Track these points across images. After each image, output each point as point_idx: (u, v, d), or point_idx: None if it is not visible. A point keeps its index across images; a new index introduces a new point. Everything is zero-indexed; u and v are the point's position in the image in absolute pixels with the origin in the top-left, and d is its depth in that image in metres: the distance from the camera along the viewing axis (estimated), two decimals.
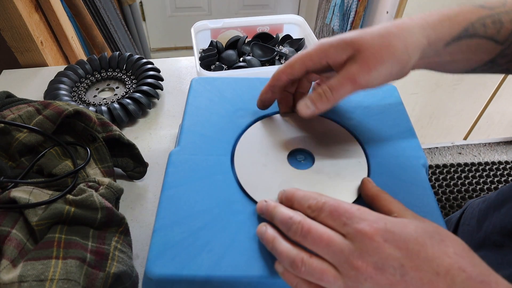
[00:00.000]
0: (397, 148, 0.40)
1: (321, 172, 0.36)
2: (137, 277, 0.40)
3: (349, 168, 0.37)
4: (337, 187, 0.35)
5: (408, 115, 0.45)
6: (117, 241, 0.39)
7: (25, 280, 0.32)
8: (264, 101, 0.40)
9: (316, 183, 0.35)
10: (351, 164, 0.37)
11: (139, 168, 0.53)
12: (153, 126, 0.64)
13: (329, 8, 1.72)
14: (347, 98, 0.35)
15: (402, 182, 0.37)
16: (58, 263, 0.34)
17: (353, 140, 0.39)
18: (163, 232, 0.32)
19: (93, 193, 0.39)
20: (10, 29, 0.71)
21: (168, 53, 2.32)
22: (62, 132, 0.49)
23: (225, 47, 0.71)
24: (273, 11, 2.15)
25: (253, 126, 0.41)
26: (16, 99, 0.57)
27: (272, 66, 0.62)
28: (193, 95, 0.45)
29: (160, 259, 0.30)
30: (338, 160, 0.37)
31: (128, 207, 0.51)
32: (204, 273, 0.29)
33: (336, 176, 0.36)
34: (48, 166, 0.44)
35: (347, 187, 0.35)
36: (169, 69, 0.76)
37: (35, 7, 0.76)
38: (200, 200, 0.34)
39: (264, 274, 0.30)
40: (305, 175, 0.36)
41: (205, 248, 0.31)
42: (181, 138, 0.40)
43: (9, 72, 0.76)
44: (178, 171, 0.37)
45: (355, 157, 0.38)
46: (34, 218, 0.37)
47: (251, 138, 0.40)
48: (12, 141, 0.44)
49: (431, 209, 0.35)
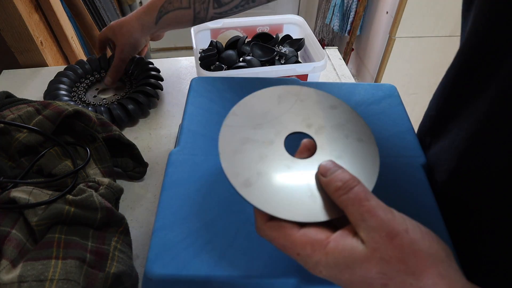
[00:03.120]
0: (397, 148, 0.40)
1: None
2: (137, 277, 0.40)
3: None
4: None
5: (408, 115, 0.45)
6: (117, 241, 0.39)
7: (25, 280, 0.32)
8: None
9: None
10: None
11: (139, 168, 0.53)
12: (153, 126, 0.64)
13: (329, 8, 1.72)
14: (347, 98, 0.35)
15: (402, 182, 0.37)
16: (58, 263, 0.34)
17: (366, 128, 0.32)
18: (163, 232, 0.32)
19: (93, 193, 0.39)
20: (10, 29, 0.71)
21: (168, 53, 2.32)
22: (62, 132, 0.49)
23: (225, 47, 0.71)
24: (273, 11, 2.15)
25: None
26: (16, 99, 0.57)
27: (272, 66, 0.62)
28: (193, 95, 0.45)
29: (160, 259, 0.30)
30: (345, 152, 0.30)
31: (128, 207, 0.51)
32: (204, 273, 0.29)
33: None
34: (48, 166, 0.44)
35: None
36: (169, 69, 0.76)
37: (35, 7, 0.76)
38: (200, 200, 0.34)
39: (264, 274, 0.30)
40: (305, 164, 0.29)
41: (205, 248, 0.31)
42: (181, 138, 0.40)
43: (9, 72, 0.76)
44: (178, 171, 0.37)
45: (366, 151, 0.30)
46: (34, 218, 0.37)
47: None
48: (12, 141, 0.44)
49: (431, 209, 0.35)
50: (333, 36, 1.87)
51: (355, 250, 0.22)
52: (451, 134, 0.37)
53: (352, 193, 0.24)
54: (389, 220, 0.22)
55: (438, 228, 0.34)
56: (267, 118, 0.30)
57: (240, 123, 0.29)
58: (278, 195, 0.26)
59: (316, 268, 0.23)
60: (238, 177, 0.26)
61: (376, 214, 0.22)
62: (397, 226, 0.22)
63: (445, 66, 0.41)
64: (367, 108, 0.44)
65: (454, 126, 0.36)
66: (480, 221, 0.33)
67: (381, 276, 0.21)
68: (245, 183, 0.26)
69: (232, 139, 0.28)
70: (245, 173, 0.27)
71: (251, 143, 0.28)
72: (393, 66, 1.52)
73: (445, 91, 0.40)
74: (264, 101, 0.31)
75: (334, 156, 0.29)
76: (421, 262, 0.21)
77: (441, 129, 0.39)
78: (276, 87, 0.32)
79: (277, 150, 0.28)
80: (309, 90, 0.32)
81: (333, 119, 0.31)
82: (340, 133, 0.30)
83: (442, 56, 1.47)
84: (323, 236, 0.24)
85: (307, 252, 0.23)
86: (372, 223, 0.22)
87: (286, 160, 0.28)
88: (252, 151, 0.28)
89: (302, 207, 0.26)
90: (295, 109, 0.31)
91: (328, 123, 0.31)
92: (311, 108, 0.31)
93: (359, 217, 0.23)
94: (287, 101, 0.31)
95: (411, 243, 0.22)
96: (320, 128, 0.30)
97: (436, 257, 0.22)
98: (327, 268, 0.23)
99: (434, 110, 0.42)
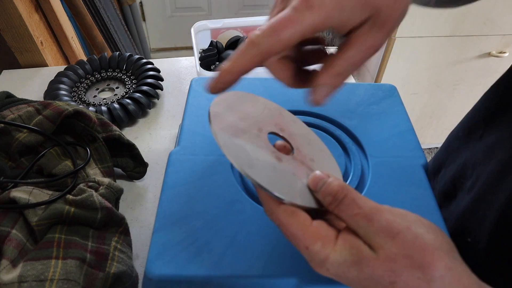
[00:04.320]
0: (397, 148, 0.40)
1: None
2: (137, 277, 0.40)
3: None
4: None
5: (408, 115, 0.45)
6: (117, 241, 0.39)
7: (25, 280, 0.32)
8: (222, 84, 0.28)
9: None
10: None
11: (139, 168, 0.53)
12: (153, 126, 0.64)
13: None
14: (347, 98, 0.35)
15: (402, 182, 0.37)
16: (58, 263, 0.34)
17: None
18: (163, 232, 0.32)
19: (93, 193, 0.39)
20: (10, 29, 0.71)
21: (168, 53, 2.32)
22: (62, 132, 0.49)
23: (225, 47, 0.71)
24: None
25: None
26: (16, 99, 0.57)
27: None
28: (193, 95, 0.45)
29: (160, 259, 0.30)
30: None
31: (128, 207, 0.51)
32: (204, 273, 0.29)
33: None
34: (48, 166, 0.44)
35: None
36: (169, 69, 0.76)
37: (35, 7, 0.76)
38: (200, 200, 0.34)
39: (264, 274, 0.30)
40: (291, 160, 0.29)
41: (205, 248, 0.31)
42: (181, 138, 0.40)
43: (9, 72, 0.76)
44: (178, 171, 0.37)
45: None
46: (34, 218, 0.37)
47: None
48: (12, 141, 0.44)
49: (431, 209, 0.35)
50: (333, 36, 1.87)
51: (361, 250, 0.22)
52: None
53: (343, 205, 0.24)
54: (387, 221, 0.22)
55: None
56: (246, 115, 0.30)
57: (226, 115, 0.29)
58: (278, 180, 0.26)
59: (322, 265, 0.23)
60: (240, 159, 0.26)
61: (371, 220, 0.22)
62: (396, 226, 0.22)
63: (445, 66, 0.41)
64: (367, 108, 0.44)
65: None
66: None
67: (389, 274, 0.21)
68: (248, 165, 0.26)
69: (226, 125, 0.28)
70: (245, 157, 0.26)
71: (242, 133, 0.28)
72: (393, 66, 1.52)
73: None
74: (238, 101, 0.31)
75: (309, 158, 0.30)
76: (428, 255, 0.21)
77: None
78: (242, 93, 0.32)
79: (265, 143, 0.29)
80: (272, 104, 0.33)
81: (297, 130, 0.33)
82: (306, 140, 0.32)
83: (442, 56, 1.47)
84: (333, 234, 0.24)
85: (317, 248, 0.23)
86: (370, 228, 0.22)
87: (275, 153, 0.28)
88: (245, 140, 0.28)
89: (301, 195, 0.26)
90: (266, 113, 0.32)
91: (295, 130, 0.33)
92: (278, 117, 0.33)
93: (356, 225, 0.23)
94: (257, 106, 0.32)
95: (415, 238, 0.22)
96: (291, 134, 0.32)
97: (442, 250, 0.22)
98: (335, 266, 0.23)
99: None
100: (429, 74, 1.52)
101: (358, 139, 0.41)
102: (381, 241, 0.22)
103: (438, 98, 1.57)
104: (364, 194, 0.36)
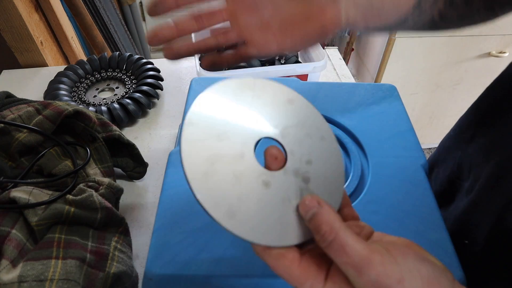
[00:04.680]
0: (397, 148, 0.40)
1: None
2: (137, 277, 0.40)
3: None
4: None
5: (408, 115, 0.45)
6: (117, 241, 0.39)
7: (25, 280, 0.32)
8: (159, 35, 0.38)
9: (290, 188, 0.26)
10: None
11: (139, 168, 0.53)
12: (153, 126, 0.64)
13: None
14: (347, 98, 0.35)
15: (402, 182, 0.37)
16: (58, 263, 0.34)
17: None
18: (163, 232, 0.32)
19: (93, 193, 0.39)
20: (10, 29, 0.71)
21: None
22: (62, 132, 0.49)
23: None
24: None
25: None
26: (16, 99, 0.57)
27: (272, 66, 0.62)
28: (193, 95, 0.45)
29: (160, 259, 0.30)
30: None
31: (128, 207, 0.51)
32: (204, 273, 0.29)
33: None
34: (48, 166, 0.44)
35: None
36: (169, 69, 0.76)
37: (35, 7, 0.76)
38: None
39: (264, 274, 0.30)
40: (281, 177, 0.26)
41: (205, 248, 0.31)
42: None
43: (9, 72, 0.76)
44: (178, 171, 0.37)
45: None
46: (34, 218, 0.37)
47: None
48: (12, 141, 0.44)
49: (431, 209, 0.35)
50: (333, 36, 1.87)
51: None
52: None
53: (332, 249, 0.22)
54: (377, 276, 0.20)
55: (438, 228, 0.34)
56: (227, 123, 0.26)
57: (201, 135, 0.25)
58: (265, 220, 0.23)
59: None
60: (218, 207, 0.22)
61: (361, 272, 0.21)
62: (386, 281, 0.20)
63: (445, 66, 0.41)
64: (367, 108, 0.44)
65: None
66: None
67: None
68: (228, 214, 0.22)
69: (198, 158, 0.24)
70: (224, 201, 0.23)
71: (221, 161, 0.24)
72: (393, 66, 1.52)
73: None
74: (219, 101, 0.27)
75: (305, 161, 0.27)
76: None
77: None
78: (226, 82, 0.28)
79: (250, 165, 0.25)
80: (263, 83, 0.29)
81: (294, 117, 0.29)
82: (304, 132, 0.28)
83: (442, 56, 1.47)
84: (323, 273, 0.23)
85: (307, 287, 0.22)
86: (359, 280, 0.21)
87: (263, 175, 0.25)
88: (224, 171, 0.24)
89: (293, 228, 0.24)
90: (254, 108, 0.28)
91: (290, 121, 0.28)
92: (270, 105, 0.28)
93: (345, 271, 0.21)
94: (243, 99, 0.28)
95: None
96: (285, 129, 0.28)
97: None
98: None
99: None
100: (429, 74, 1.52)
101: (358, 139, 0.41)
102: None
103: (438, 98, 1.57)
104: (364, 194, 0.36)
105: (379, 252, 0.21)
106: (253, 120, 0.27)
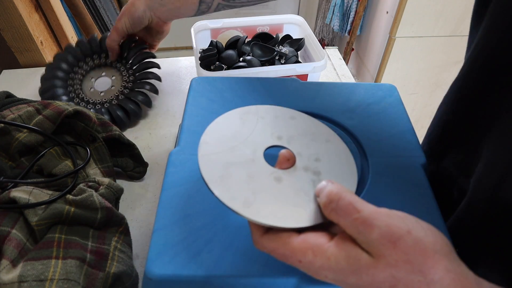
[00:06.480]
0: (397, 148, 0.40)
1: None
2: (137, 277, 0.40)
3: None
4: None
5: (408, 115, 0.45)
6: (117, 241, 0.39)
7: (25, 280, 0.32)
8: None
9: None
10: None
11: (139, 168, 0.53)
12: (153, 126, 0.64)
13: (329, 8, 1.72)
14: (347, 98, 0.35)
15: (402, 182, 0.37)
16: (58, 263, 0.34)
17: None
18: (163, 232, 0.32)
19: (93, 193, 0.39)
20: (10, 29, 0.71)
21: (168, 53, 2.32)
22: (62, 132, 0.49)
23: (225, 47, 0.71)
24: (273, 11, 2.15)
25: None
26: (16, 99, 0.57)
27: (272, 66, 0.62)
28: (193, 95, 0.45)
29: (160, 259, 0.30)
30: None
31: (128, 207, 0.51)
32: (204, 273, 0.29)
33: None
34: (48, 166, 0.44)
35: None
36: (169, 69, 0.76)
37: (35, 7, 0.76)
38: (200, 200, 0.34)
39: (264, 274, 0.30)
40: (292, 173, 0.29)
41: (205, 248, 0.31)
42: (181, 138, 0.40)
43: (9, 72, 0.76)
44: (178, 171, 0.37)
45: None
46: (34, 218, 0.37)
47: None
48: (12, 141, 0.44)
49: (431, 209, 0.35)
50: (333, 36, 1.87)
51: (359, 258, 0.22)
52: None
53: (339, 208, 0.24)
54: (387, 226, 0.22)
55: (438, 227, 0.34)
56: (238, 139, 0.31)
57: (214, 150, 0.29)
58: (277, 207, 0.26)
59: (320, 273, 0.23)
60: (235, 200, 0.26)
61: (371, 225, 0.22)
62: (397, 230, 0.22)
63: (445, 66, 0.41)
64: (367, 108, 0.44)
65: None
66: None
67: (389, 279, 0.22)
68: (244, 204, 0.26)
69: (214, 166, 0.28)
70: (240, 195, 0.27)
71: (234, 166, 0.28)
72: (393, 66, 1.52)
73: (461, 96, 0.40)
74: (228, 125, 0.32)
75: (313, 159, 0.30)
76: (428, 259, 0.21)
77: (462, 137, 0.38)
78: (233, 111, 0.33)
79: (261, 166, 0.29)
80: (265, 108, 0.34)
81: (297, 128, 0.33)
82: (308, 138, 0.32)
83: (442, 56, 1.47)
84: (323, 241, 0.24)
85: (309, 258, 0.23)
86: (370, 235, 0.22)
87: (274, 173, 0.28)
88: (238, 173, 0.28)
89: (298, 214, 0.26)
90: (260, 126, 0.32)
91: (294, 132, 0.32)
92: (274, 123, 0.33)
93: (355, 231, 0.23)
94: (249, 121, 0.32)
95: (415, 242, 0.22)
96: (290, 138, 0.32)
97: (441, 253, 0.22)
98: (332, 273, 0.23)
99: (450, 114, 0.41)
100: (429, 74, 1.52)
101: (358, 139, 0.41)
102: (382, 248, 0.22)
103: (438, 98, 1.57)
104: (364, 195, 0.36)
105: (384, 209, 0.23)
106: (260, 134, 0.31)
